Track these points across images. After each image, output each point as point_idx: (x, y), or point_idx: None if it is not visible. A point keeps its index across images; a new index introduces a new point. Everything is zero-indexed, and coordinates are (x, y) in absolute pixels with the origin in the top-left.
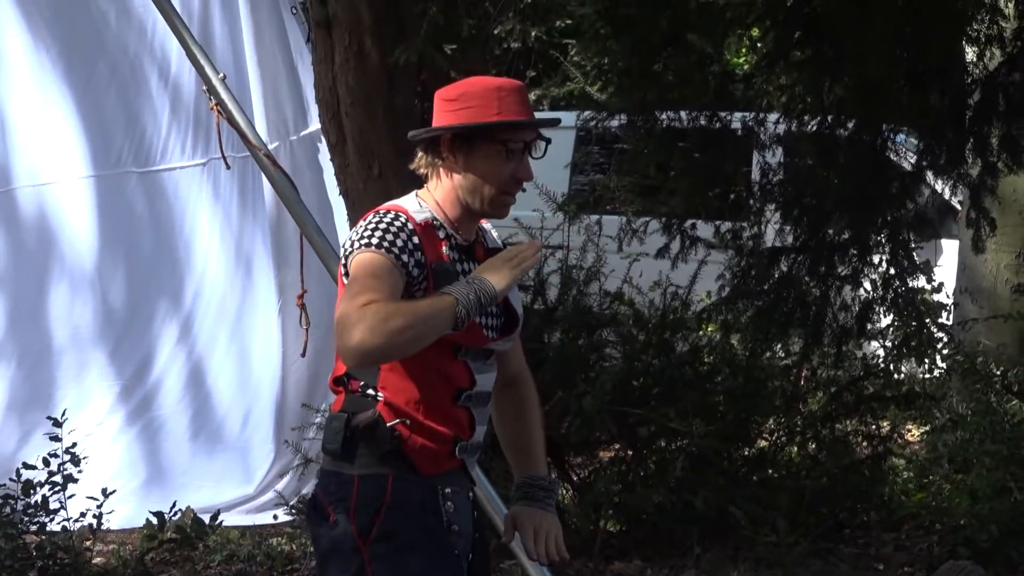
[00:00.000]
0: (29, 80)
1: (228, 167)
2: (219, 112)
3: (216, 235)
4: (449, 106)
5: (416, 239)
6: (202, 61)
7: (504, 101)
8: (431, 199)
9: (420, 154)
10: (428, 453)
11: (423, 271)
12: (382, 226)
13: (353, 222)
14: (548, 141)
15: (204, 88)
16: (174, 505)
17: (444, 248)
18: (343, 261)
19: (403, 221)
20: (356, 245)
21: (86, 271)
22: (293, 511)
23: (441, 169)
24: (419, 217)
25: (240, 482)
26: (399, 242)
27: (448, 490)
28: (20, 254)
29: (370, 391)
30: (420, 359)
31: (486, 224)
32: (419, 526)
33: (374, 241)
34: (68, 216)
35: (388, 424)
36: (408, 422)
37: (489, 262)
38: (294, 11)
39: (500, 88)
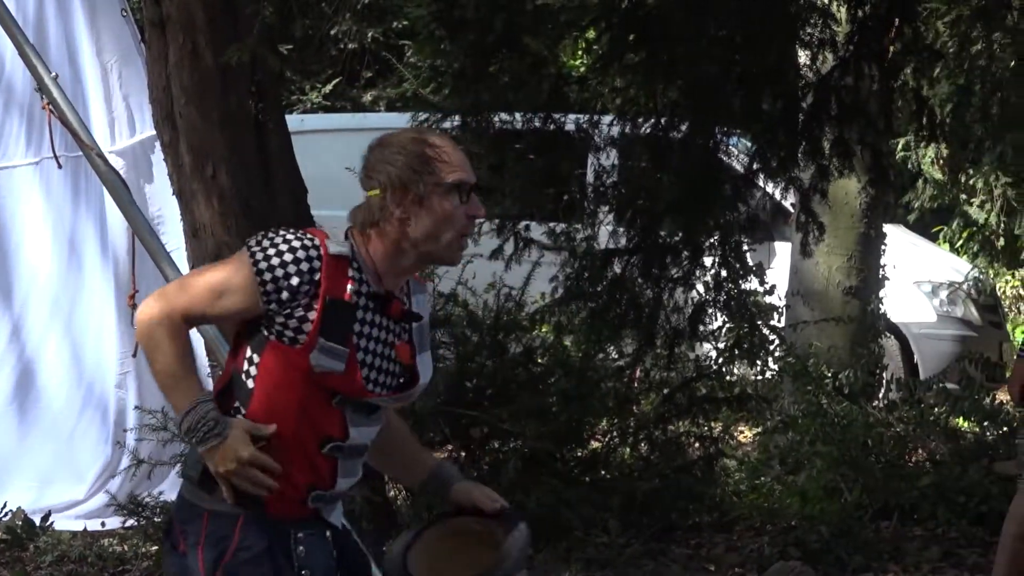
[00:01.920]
0: None
1: (60, 166)
2: (51, 111)
3: (48, 234)
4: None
5: (317, 264)
6: (34, 60)
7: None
8: (361, 243)
9: (365, 208)
10: (279, 497)
11: (311, 298)
12: (284, 245)
13: (186, 222)
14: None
15: (36, 87)
16: (4, 506)
17: (349, 287)
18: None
19: (312, 244)
20: (252, 245)
21: None
22: (124, 512)
23: (383, 225)
24: (333, 248)
25: (72, 482)
26: (285, 268)
27: (300, 534)
28: None
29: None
30: (293, 398)
31: (423, 285)
32: (265, 571)
33: (259, 255)
34: None
35: None
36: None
37: (240, 436)
38: (124, 13)
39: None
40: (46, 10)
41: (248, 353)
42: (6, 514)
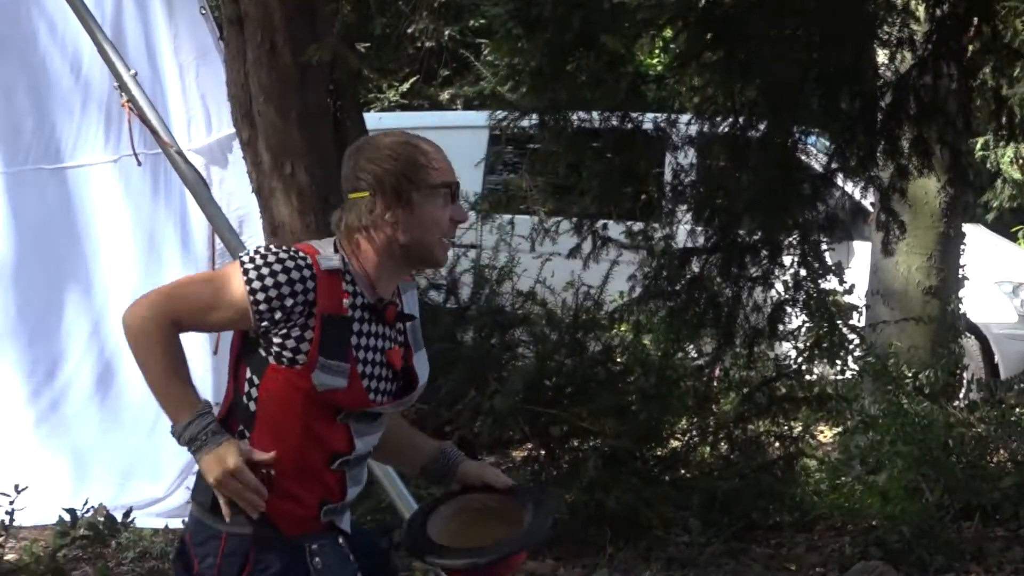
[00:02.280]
0: None
1: (140, 163)
2: (130, 108)
3: (128, 232)
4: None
5: (311, 284)
6: (113, 58)
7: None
8: (351, 252)
9: (351, 211)
10: (293, 518)
11: (307, 317)
12: (278, 265)
13: (265, 220)
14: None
15: (116, 84)
16: (87, 502)
17: (345, 300)
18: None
19: (305, 264)
20: (245, 260)
21: (24, 264)
22: None
23: (371, 230)
24: (325, 264)
25: (152, 479)
26: (279, 289)
27: (315, 546)
28: None
29: (244, 442)
30: (297, 422)
31: (411, 282)
32: None
33: (252, 275)
34: None
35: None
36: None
37: (232, 447)
38: (203, 11)
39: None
40: (124, 8)
41: (248, 374)
42: (88, 510)
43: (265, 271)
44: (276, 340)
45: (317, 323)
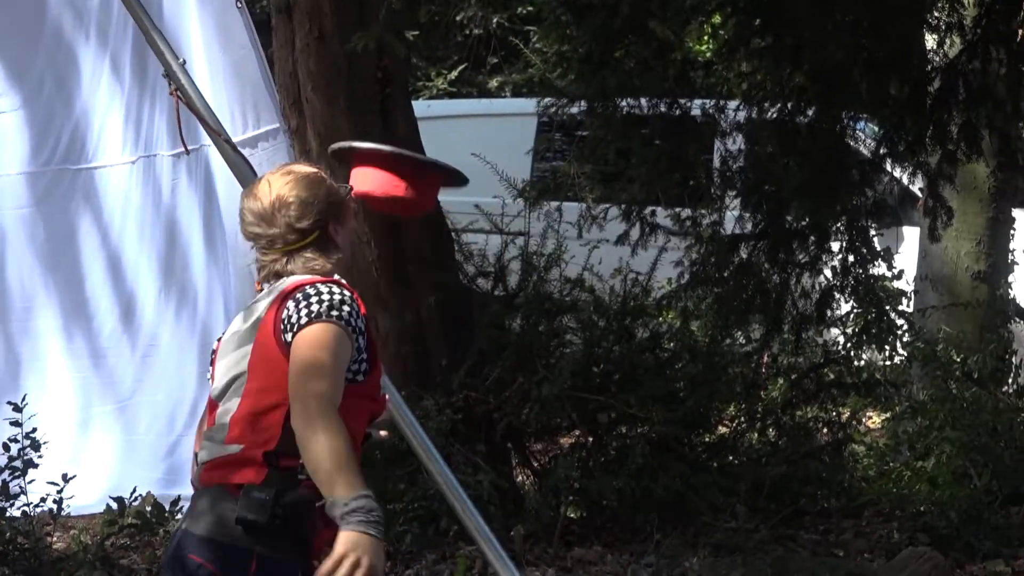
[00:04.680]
0: None
1: (187, 152)
2: (178, 97)
3: (151, 233)
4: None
5: (363, 316)
6: (161, 46)
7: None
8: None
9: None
10: (327, 537)
11: (362, 333)
12: (348, 301)
13: None
14: None
15: (164, 73)
16: (134, 490)
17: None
18: (298, 319)
19: (353, 298)
20: (333, 316)
21: (57, 263)
22: None
23: (337, 254)
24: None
25: None
26: (358, 323)
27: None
28: None
29: (301, 475)
30: (362, 431)
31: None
32: None
33: (342, 315)
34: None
35: (317, 504)
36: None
37: (381, 547)
38: (239, 5)
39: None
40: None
41: None
42: (136, 499)
43: (346, 310)
44: (352, 365)
45: (368, 334)
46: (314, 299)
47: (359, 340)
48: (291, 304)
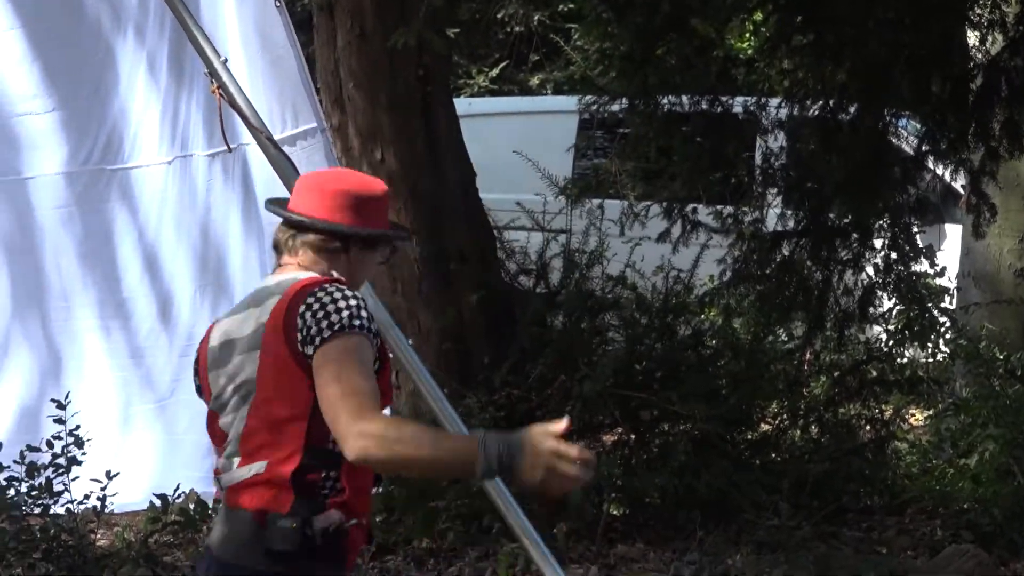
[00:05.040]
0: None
1: (230, 150)
2: (221, 95)
3: (187, 234)
4: (369, 207)
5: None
6: (203, 44)
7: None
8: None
9: (326, 244)
10: (356, 549)
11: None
12: (362, 305)
13: None
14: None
15: (206, 71)
16: (178, 488)
17: None
18: (319, 331)
19: (361, 299)
20: (345, 322)
21: (95, 263)
22: None
23: (337, 260)
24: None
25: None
26: (373, 325)
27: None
28: (34, 236)
29: (325, 489)
30: None
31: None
32: None
33: (363, 323)
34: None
35: (347, 525)
36: (356, 521)
37: (540, 432)
38: (278, 4)
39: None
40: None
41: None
42: (179, 496)
43: (364, 315)
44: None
45: (382, 347)
46: (330, 307)
47: (376, 341)
48: (307, 314)
